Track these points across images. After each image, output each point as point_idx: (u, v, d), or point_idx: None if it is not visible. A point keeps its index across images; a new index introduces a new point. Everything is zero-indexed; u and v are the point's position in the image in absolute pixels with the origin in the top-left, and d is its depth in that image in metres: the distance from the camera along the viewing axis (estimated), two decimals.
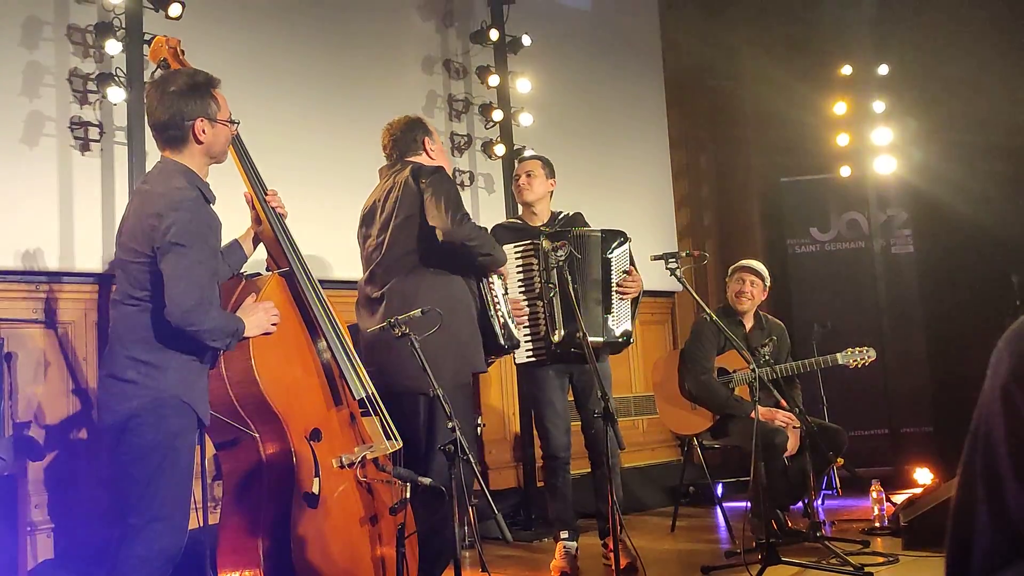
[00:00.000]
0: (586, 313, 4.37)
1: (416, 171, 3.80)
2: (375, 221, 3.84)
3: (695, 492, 6.41)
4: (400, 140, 3.97)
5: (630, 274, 4.56)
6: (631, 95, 7.51)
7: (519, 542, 5.29)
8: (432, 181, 3.74)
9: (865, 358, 4.95)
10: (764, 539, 4.10)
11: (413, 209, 3.73)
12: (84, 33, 4.69)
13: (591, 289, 4.47)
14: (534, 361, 4.45)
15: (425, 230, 3.72)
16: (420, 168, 3.82)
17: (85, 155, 4.66)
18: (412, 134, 3.97)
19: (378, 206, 3.84)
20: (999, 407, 1.08)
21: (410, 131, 3.98)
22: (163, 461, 2.76)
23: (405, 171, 3.82)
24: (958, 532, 1.13)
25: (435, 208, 3.68)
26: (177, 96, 2.89)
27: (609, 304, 4.47)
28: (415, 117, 4.08)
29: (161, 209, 2.77)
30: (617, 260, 4.53)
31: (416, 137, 3.97)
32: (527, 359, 4.45)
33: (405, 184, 3.76)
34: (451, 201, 3.69)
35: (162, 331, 2.78)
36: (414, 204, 3.73)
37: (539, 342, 4.42)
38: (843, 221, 7.34)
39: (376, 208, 3.85)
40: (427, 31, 6.30)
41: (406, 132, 3.98)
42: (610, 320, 4.48)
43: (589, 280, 4.46)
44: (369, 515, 3.32)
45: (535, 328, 4.42)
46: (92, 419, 4.43)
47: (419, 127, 4.01)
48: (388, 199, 3.81)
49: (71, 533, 4.35)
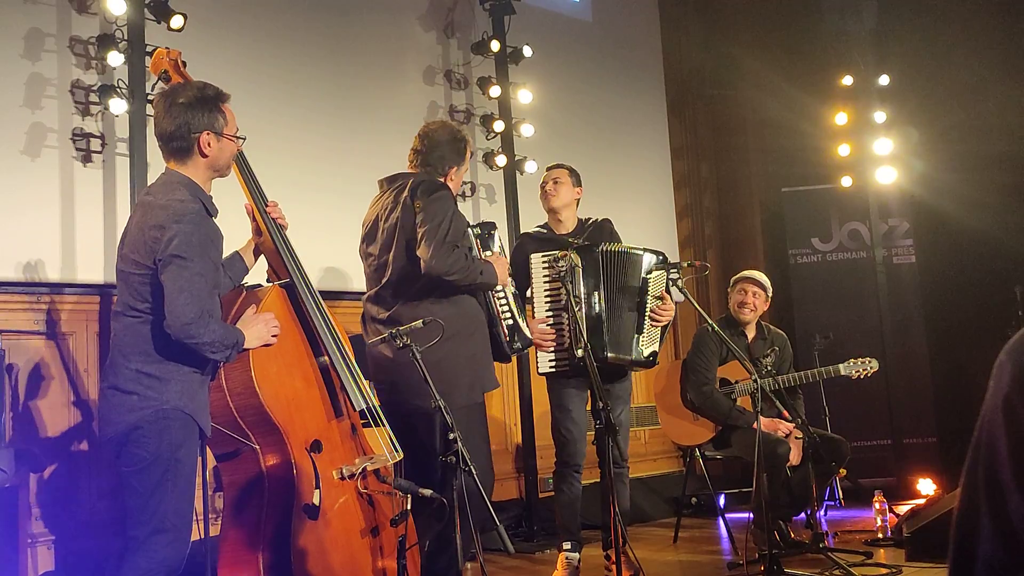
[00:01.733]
0: (617, 330, 4.38)
1: (415, 189, 3.67)
2: (377, 240, 3.76)
3: (697, 503, 6.40)
4: (433, 154, 3.80)
5: (664, 300, 4.51)
6: (632, 105, 7.53)
7: (521, 553, 5.27)
8: (425, 205, 3.61)
9: (868, 369, 4.94)
10: (767, 550, 4.09)
11: (413, 232, 3.62)
12: (86, 45, 4.70)
13: (625, 307, 4.43)
14: (555, 372, 4.44)
15: None
16: (419, 186, 3.68)
17: (87, 166, 4.66)
18: (450, 156, 3.81)
19: (379, 224, 3.75)
20: (1001, 417, 1.08)
21: (450, 150, 3.81)
22: (165, 473, 2.76)
23: (405, 189, 3.69)
24: (961, 543, 1.12)
25: (421, 238, 3.57)
26: (185, 108, 2.89)
27: (641, 325, 4.45)
28: (462, 136, 3.88)
29: (163, 221, 2.77)
30: (654, 283, 4.47)
31: (448, 161, 3.81)
32: (550, 368, 4.44)
33: (404, 205, 3.66)
34: (437, 230, 3.55)
35: (164, 343, 2.78)
36: (413, 228, 3.62)
37: (562, 353, 4.40)
38: (844, 231, 7.35)
39: (378, 225, 3.76)
40: (428, 42, 6.32)
41: (445, 148, 3.81)
42: (640, 341, 4.45)
43: (624, 297, 4.43)
44: (370, 527, 3.31)
45: (560, 339, 4.41)
46: (93, 431, 4.43)
47: (460, 153, 3.84)
48: (389, 218, 3.71)
49: (72, 545, 4.33)
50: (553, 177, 4.66)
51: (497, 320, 3.87)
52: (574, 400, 4.48)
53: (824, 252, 7.35)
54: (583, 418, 4.50)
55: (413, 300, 3.65)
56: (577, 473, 4.48)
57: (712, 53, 7.92)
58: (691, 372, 5.13)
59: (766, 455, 4.30)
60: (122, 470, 2.80)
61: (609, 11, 7.57)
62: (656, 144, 7.70)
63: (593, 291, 4.38)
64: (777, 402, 4.66)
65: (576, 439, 4.46)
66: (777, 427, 4.78)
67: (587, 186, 4.84)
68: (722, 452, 5.19)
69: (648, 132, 7.66)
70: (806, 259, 7.35)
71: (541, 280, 4.45)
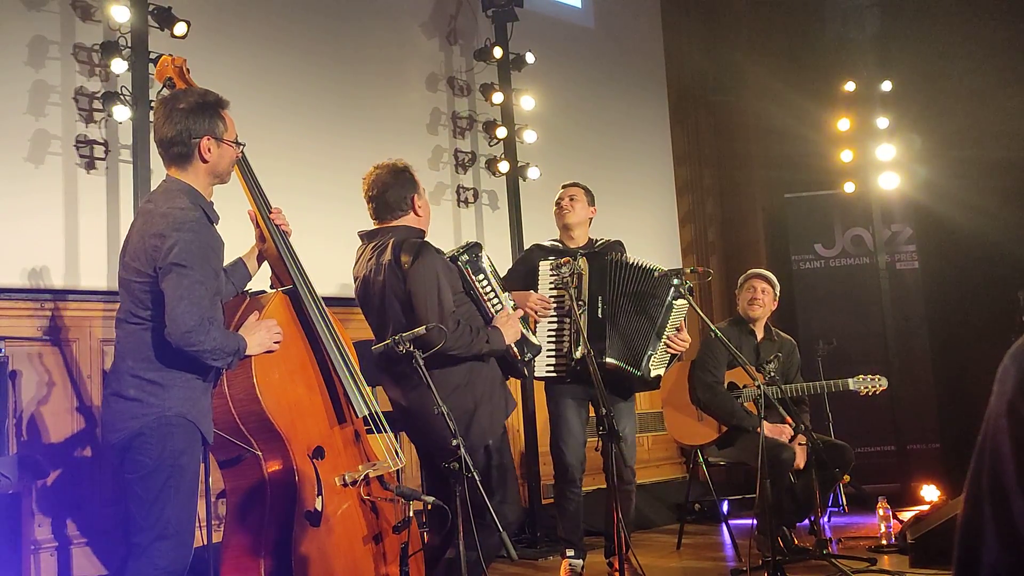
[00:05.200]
0: (620, 339, 4.38)
1: (397, 253, 3.50)
2: (371, 307, 3.61)
3: (701, 509, 6.39)
4: (389, 199, 3.63)
5: (680, 331, 4.52)
6: (635, 111, 7.54)
7: (524, 559, 5.26)
8: (412, 275, 3.46)
9: (877, 387, 4.93)
10: (770, 557, 4.07)
11: (404, 297, 3.48)
12: (90, 52, 4.72)
13: (633, 320, 4.42)
14: (553, 376, 4.43)
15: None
16: (400, 250, 3.51)
17: (90, 173, 4.67)
18: (403, 192, 3.63)
19: (370, 289, 3.59)
20: (1006, 423, 1.07)
21: (401, 188, 3.63)
22: (168, 480, 2.76)
23: (387, 251, 3.54)
24: (965, 549, 1.12)
25: (415, 310, 3.45)
26: (185, 113, 2.90)
27: (657, 345, 4.44)
28: (402, 167, 3.69)
29: (164, 229, 2.77)
30: (678, 311, 4.46)
31: (406, 197, 3.64)
32: (546, 373, 4.42)
33: (389, 268, 3.51)
34: (433, 305, 3.42)
35: (166, 350, 2.78)
36: (403, 293, 3.48)
37: (561, 358, 4.39)
38: (847, 237, 7.35)
39: (368, 288, 3.60)
40: (431, 49, 6.33)
41: (396, 189, 3.63)
42: (652, 359, 4.44)
43: (632, 310, 4.42)
44: (372, 533, 3.31)
45: (559, 344, 4.40)
46: (96, 437, 4.43)
47: (410, 184, 3.66)
48: (375, 281, 3.56)
49: (75, 551, 4.33)
50: (569, 194, 4.66)
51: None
52: (570, 409, 4.46)
53: (827, 258, 7.35)
54: (579, 429, 4.48)
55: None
56: (576, 488, 4.46)
57: (714, 59, 7.93)
58: (699, 369, 5.12)
59: (770, 461, 4.29)
60: (125, 476, 2.80)
61: (611, 18, 7.59)
62: (658, 150, 7.71)
63: (597, 296, 4.38)
64: (780, 408, 4.66)
65: (571, 451, 4.44)
66: (781, 431, 4.77)
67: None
68: (726, 456, 5.17)
69: (650, 138, 7.67)
70: (809, 265, 7.34)
71: (547, 286, 4.45)
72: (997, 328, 6.17)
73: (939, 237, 7.11)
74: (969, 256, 6.77)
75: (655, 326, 4.42)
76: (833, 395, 6.10)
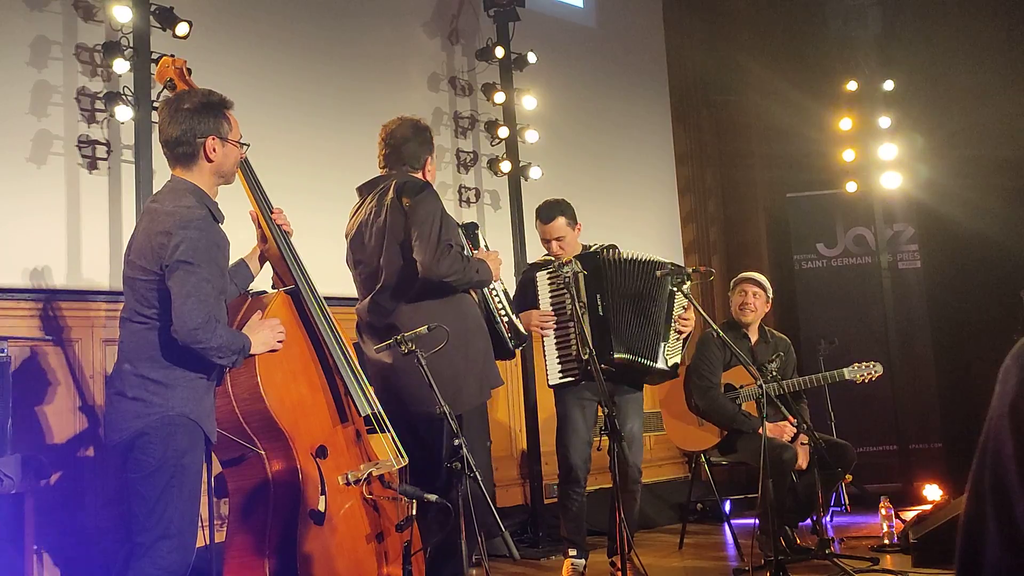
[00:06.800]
0: (626, 332, 4.39)
1: (400, 190, 3.58)
2: (365, 245, 3.66)
3: (703, 509, 6.39)
4: (404, 151, 3.71)
5: (687, 310, 4.55)
6: (636, 111, 7.53)
7: (526, 559, 5.26)
8: (415, 206, 3.53)
9: (872, 373, 4.93)
10: (773, 556, 4.08)
11: (404, 234, 3.54)
12: (92, 52, 4.72)
13: (638, 311, 4.44)
14: (569, 381, 4.42)
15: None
16: (403, 187, 3.59)
17: (93, 173, 4.68)
18: (420, 150, 3.72)
19: (365, 230, 3.65)
20: (1008, 423, 1.07)
21: (419, 145, 3.72)
22: (171, 479, 2.76)
23: (389, 191, 3.60)
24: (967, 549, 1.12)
25: (415, 241, 3.51)
26: (190, 114, 2.90)
27: (668, 334, 4.47)
28: (424, 126, 3.79)
29: (170, 227, 2.78)
30: (680, 299, 4.51)
31: (421, 156, 3.75)
32: (560, 380, 4.43)
33: (391, 207, 3.57)
34: (431, 232, 3.49)
35: (170, 349, 2.79)
36: (404, 229, 3.55)
37: (570, 362, 4.40)
38: (849, 236, 7.35)
39: (363, 232, 3.66)
40: (433, 49, 6.33)
41: (414, 145, 3.71)
42: (666, 349, 4.47)
43: (634, 302, 4.44)
44: (375, 532, 3.31)
45: (567, 349, 4.41)
46: (99, 437, 4.43)
47: (428, 145, 3.77)
48: (375, 223, 3.62)
49: (78, 551, 4.34)
50: (555, 236, 4.54)
51: (496, 317, 3.85)
52: (575, 409, 4.47)
53: (829, 257, 7.35)
54: (584, 429, 4.48)
55: (411, 303, 3.56)
56: (580, 488, 4.47)
57: (716, 58, 7.93)
58: (695, 376, 5.11)
59: (772, 461, 4.29)
60: (128, 476, 2.80)
61: (613, 17, 7.59)
62: (660, 150, 7.71)
63: (595, 295, 4.38)
64: (782, 407, 4.65)
65: (575, 450, 4.45)
66: (783, 431, 4.77)
67: (591, 192, 4.87)
68: (728, 457, 5.16)
69: (652, 138, 7.67)
70: (811, 264, 7.34)
71: (547, 294, 4.47)
72: (999, 327, 6.16)
73: (941, 236, 7.10)
74: (971, 255, 6.76)
75: (662, 314, 4.45)
76: (835, 395, 6.11)
